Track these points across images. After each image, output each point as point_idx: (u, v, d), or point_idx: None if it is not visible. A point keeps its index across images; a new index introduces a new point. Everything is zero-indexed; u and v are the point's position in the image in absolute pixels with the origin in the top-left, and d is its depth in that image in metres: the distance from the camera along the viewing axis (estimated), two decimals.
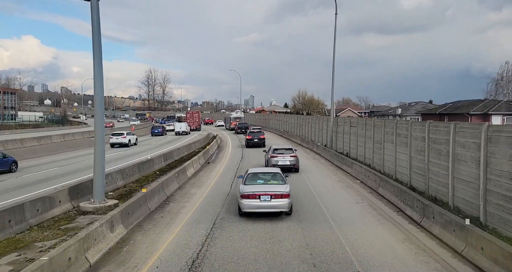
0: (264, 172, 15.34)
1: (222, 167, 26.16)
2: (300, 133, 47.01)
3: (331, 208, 14.44)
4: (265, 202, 12.98)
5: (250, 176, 14.59)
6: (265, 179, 14.33)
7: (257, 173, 14.89)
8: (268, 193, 13.06)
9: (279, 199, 13.00)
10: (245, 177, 14.55)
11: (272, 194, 13.04)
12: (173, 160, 28.83)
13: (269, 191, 13.18)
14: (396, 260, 9.44)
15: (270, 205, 12.99)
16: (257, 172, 15.14)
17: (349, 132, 28.78)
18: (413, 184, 16.89)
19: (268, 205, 12.99)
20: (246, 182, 14.10)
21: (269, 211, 13.13)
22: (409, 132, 17.50)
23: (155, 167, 24.55)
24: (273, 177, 14.51)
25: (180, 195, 17.23)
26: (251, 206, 13.05)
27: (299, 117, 50.38)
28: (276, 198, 13.00)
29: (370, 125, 23.86)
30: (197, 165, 25.42)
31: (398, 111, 74.92)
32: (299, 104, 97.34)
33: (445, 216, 10.62)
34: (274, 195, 13.02)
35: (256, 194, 13.06)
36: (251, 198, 13.05)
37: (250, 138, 38.65)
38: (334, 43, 32.12)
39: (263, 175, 14.76)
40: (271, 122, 67.53)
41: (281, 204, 13.00)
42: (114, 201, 14.59)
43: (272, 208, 13.03)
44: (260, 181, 14.22)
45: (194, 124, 70.25)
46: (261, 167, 20.55)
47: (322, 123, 37.17)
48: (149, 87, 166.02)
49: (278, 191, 13.14)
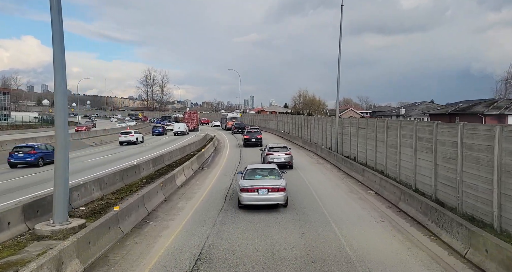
0: (261, 168, 16.20)
1: (218, 173, 23.42)
2: (302, 135, 44.26)
3: (345, 230, 11.68)
4: (263, 195, 13.82)
5: (249, 171, 15.44)
6: (262, 175, 15.21)
7: (255, 169, 15.75)
8: (265, 187, 13.93)
9: (275, 192, 13.88)
10: (244, 173, 15.42)
11: (269, 188, 13.91)
12: (164, 165, 26.09)
13: (267, 185, 14.04)
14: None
15: (267, 198, 13.85)
16: (255, 168, 16.01)
17: (356, 134, 26.05)
18: (440, 197, 14.17)
19: (266, 198, 13.85)
20: (245, 177, 14.94)
21: (266, 204, 13.96)
22: (434, 135, 14.78)
23: (142, 173, 21.80)
24: (270, 172, 15.38)
25: (164, 211, 14.48)
26: (250, 199, 13.90)
27: (300, 117, 47.61)
28: (273, 191, 13.88)
29: (382, 127, 21.14)
30: (189, 171, 22.68)
31: (402, 111, 72.26)
32: (300, 104, 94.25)
33: (507, 252, 7.86)
34: (271, 189, 13.89)
35: (255, 188, 13.93)
36: (250, 192, 13.91)
37: (248, 138, 38.86)
38: (340, 36, 29.44)
39: (261, 171, 15.62)
40: (271, 123, 64.75)
41: (278, 197, 13.90)
42: (80, 221, 11.83)
43: (269, 200, 13.89)
44: (258, 176, 15.09)
45: (192, 125, 69.48)
46: (259, 164, 20.92)
47: (326, 124, 34.42)
48: (147, 87, 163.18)
49: (275, 185, 14.03)
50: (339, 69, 30.16)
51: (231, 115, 73.23)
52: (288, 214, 13.57)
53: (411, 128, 17.11)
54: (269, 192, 13.83)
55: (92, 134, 51.37)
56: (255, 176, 15.08)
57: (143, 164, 22.64)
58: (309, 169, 24.44)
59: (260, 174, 15.28)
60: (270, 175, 15.16)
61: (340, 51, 29.78)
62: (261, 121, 72.67)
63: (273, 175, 15.10)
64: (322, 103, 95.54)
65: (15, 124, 73.93)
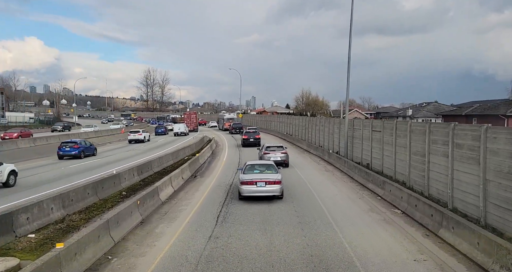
0: (260, 164, 17.54)
1: (212, 183, 20.14)
2: (306, 137, 40.92)
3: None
4: (261, 187, 15.02)
5: (248, 167, 16.73)
6: (260, 170, 16.38)
7: (254, 165, 17.13)
8: (263, 180, 15.14)
9: (272, 185, 15.09)
10: (244, 168, 16.68)
11: (267, 181, 15.13)
12: (151, 172, 22.82)
13: (264, 178, 15.25)
14: None
15: (265, 189, 15.04)
16: (254, 164, 17.43)
17: (370, 138, 22.76)
18: (493, 222, 10.84)
19: (263, 190, 15.04)
20: (245, 172, 16.17)
21: (264, 195, 15.13)
22: (481, 143, 11.47)
23: (123, 184, 18.54)
24: (268, 168, 16.59)
25: (137, 239, 11.18)
26: (249, 190, 15.14)
27: (304, 118, 44.25)
28: (270, 184, 15.08)
29: (404, 130, 17.84)
30: (179, 181, 19.41)
31: (409, 112, 68.88)
32: (303, 104, 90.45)
33: None
34: (268, 182, 15.11)
35: (254, 181, 15.15)
36: (249, 184, 15.15)
37: (246, 138, 38.98)
38: (350, 34, 26.15)
39: (259, 166, 16.88)
40: (273, 124, 61.41)
41: (274, 189, 15.12)
42: (10, 262, 8.54)
43: (267, 192, 15.10)
44: (256, 171, 16.29)
45: (192, 125, 68.13)
46: (257, 160, 22.06)
47: (334, 126, 31.10)
48: (147, 88, 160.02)
49: (271, 179, 15.25)
50: (349, 68, 26.88)
51: (228, 116, 73.32)
52: (298, 241, 10.27)
53: (446, 132, 13.79)
54: (267, 185, 15.05)
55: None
56: (253, 171, 16.28)
57: (125, 172, 19.33)
58: (317, 179, 21.14)
59: (258, 169, 16.47)
60: (268, 170, 16.33)
61: (350, 49, 26.52)
62: (262, 122, 69.38)
63: (270, 170, 16.28)
64: (325, 104, 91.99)
65: (7, 125, 70.71)
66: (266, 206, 14.73)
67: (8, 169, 18.88)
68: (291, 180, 20.30)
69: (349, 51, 26.66)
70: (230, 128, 60.16)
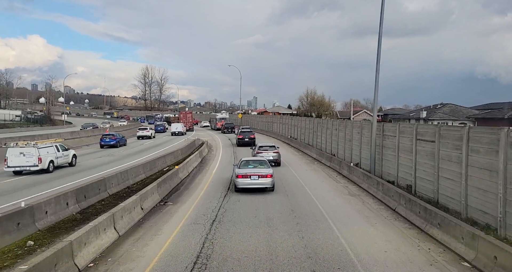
0: (254, 160, 18.91)
1: (186, 216, 13.21)
2: (314, 142, 33.86)
3: None
4: (254, 180, 16.46)
5: (243, 163, 17.95)
6: (254, 165, 17.68)
7: (249, 161, 18.42)
8: (256, 174, 16.58)
9: (264, 178, 16.51)
10: (240, 164, 17.89)
11: (260, 174, 16.56)
12: (105, 195, 15.90)
13: (257, 172, 16.68)
14: None
15: (258, 182, 16.48)
16: (249, 160, 18.70)
17: (412, 150, 15.84)
18: None
19: (256, 182, 16.49)
20: (240, 167, 17.43)
21: (257, 187, 16.55)
22: None
23: (38, 223, 11.54)
24: (260, 163, 17.97)
25: None
26: (244, 183, 16.52)
27: (312, 120, 37.05)
28: (262, 177, 16.51)
29: (486, 143, 10.93)
30: (134, 215, 12.48)
31: (423, 114, 61.77)
32: (307, 104, 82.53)
33: None
34: (261, 175, 16.53)
35: (248, 174, 16.55)
36: (244, 178, 16.51)
37: (241, 137, 38.85)
38: (380, 26, 19.22)
39: (253, 162, 18.19)
40: (275, 126, 54.35)
41: (266, 182, 16.55)
42: None
43: (259, 184, 16.54)
44: (250, 166, 17.57)
45: (188, 125, 66.36)
46: (251, 157, 23.03)
47: (353, 131, 24.12)
48: (145, 86, 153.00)
49: (264, 172, 16.70)
50: (378, 66, 20.01)
51: (220, 116, 73.27)
52: None
53: None
54: (260, 178, 16.44)
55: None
56: (248, 166, 17.54)
57: (47, 202, 12.21)
58: (341, 210, 14.17)
59: (252, 164, 17.78)
60: (260, 165, 17.62)
61: (380, 46, 19.61)
62: (263, 124, 62.33)
63: (262, 165, 17.59)
64: (331, 105, 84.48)
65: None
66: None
67: (71, 153, 25.50)
68: (302, 209, 13.49)
69: (379, 48, 19.80)
70: (222, 127, 61.22)
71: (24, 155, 21.58)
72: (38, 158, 21.64)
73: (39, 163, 21.70)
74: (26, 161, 21.56)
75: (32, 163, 21.60)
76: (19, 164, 21.60)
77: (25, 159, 21.57)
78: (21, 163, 21.59)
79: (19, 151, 21.64)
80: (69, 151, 25.30)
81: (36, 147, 21.87)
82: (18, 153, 21.59)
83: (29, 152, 21.63)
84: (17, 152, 21.60)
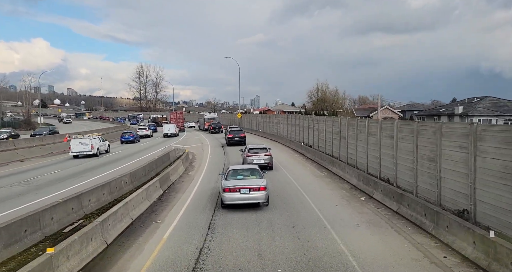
0: (243, 168, 15.70)
1: None
2: (346, 154, 22.23)
3: None
4: (245, 194, 13.49)
5: (231, 172, 14.92)
6: (244, 175, 14.76)
7: (237, 170, 15.25)
8: (247, 187, 13.59)
9: (257, 191, 13.56)
10: (227, 174, 14.83)
11: (251, 187, 13.59)
12: None
13: (248, 185, 13.71)
14: None
15: (249, 197, 13.54)
16: (237, 168, 15.51)
17: None
18: None
19: (248, 197, 13.53)
20: (228, 178, 14.45)
21: (248, 203, 13.57)
22: None
23: None
24: (252, 172, 14.95)
25: None
26: (232, 198, 13.52)
27: (339, 120, 25.04)
28: (254, 190, 13.56)
29: None
30: None
31: (459, 109, 50.70)
32: (317, 100, 69.87)
33: None
34: (253, 188, 13.57)
35: (237, 187, 13.59)
36: (232, 192, 13.53)
37: (231, 136, 37.83)
38: None
39: (243, 171, 15.14)
40: (281, 128, 42.93)
41: (259, 196, 13.57)
42: None
43: (251, 199, 13.56)
44: (240, 176, 14.65)
45: (178, 125, 61.71)
46: (240, 165, 20.41)
47: (428, 139, 13.27)
48: (140, 85, 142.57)
49: (256, 185, 13.70)
50: None
51: (208, 116, 70.85)
52: None
53: None
54: (251, 192, 13.59)
55: None
56: (237, 176, 14.69)
57: None
58: None
59: (242, 174, 14.87)
60: (252, 175, 14.83)
61: None
62: (267, 125, 50.38)
63: (254, 175, 14.79)
64: (345, 101, 72.90)
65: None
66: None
67: (107, 143, 34.63)
68: None
69: None
70: (210, 128, 60.08)
71: (81, 144, 30.50)
72: (91, 145, 30.63)
73: (91, 149, 30.60)
74: (83, 148, 30.49)
75: (87, 149, 30.55)
76: (79, 150, 30.47)
77: (82, 146, 30.49)
78: (80, 149, 30.50)
79: (78, 141, 30.65)
80: (105, 141, 34.37)
81: (89, 138, 31.37)
82: (78, 142, 30.55)
83: (85, 142, 30.73)
84: (77, 142, 30.55)
